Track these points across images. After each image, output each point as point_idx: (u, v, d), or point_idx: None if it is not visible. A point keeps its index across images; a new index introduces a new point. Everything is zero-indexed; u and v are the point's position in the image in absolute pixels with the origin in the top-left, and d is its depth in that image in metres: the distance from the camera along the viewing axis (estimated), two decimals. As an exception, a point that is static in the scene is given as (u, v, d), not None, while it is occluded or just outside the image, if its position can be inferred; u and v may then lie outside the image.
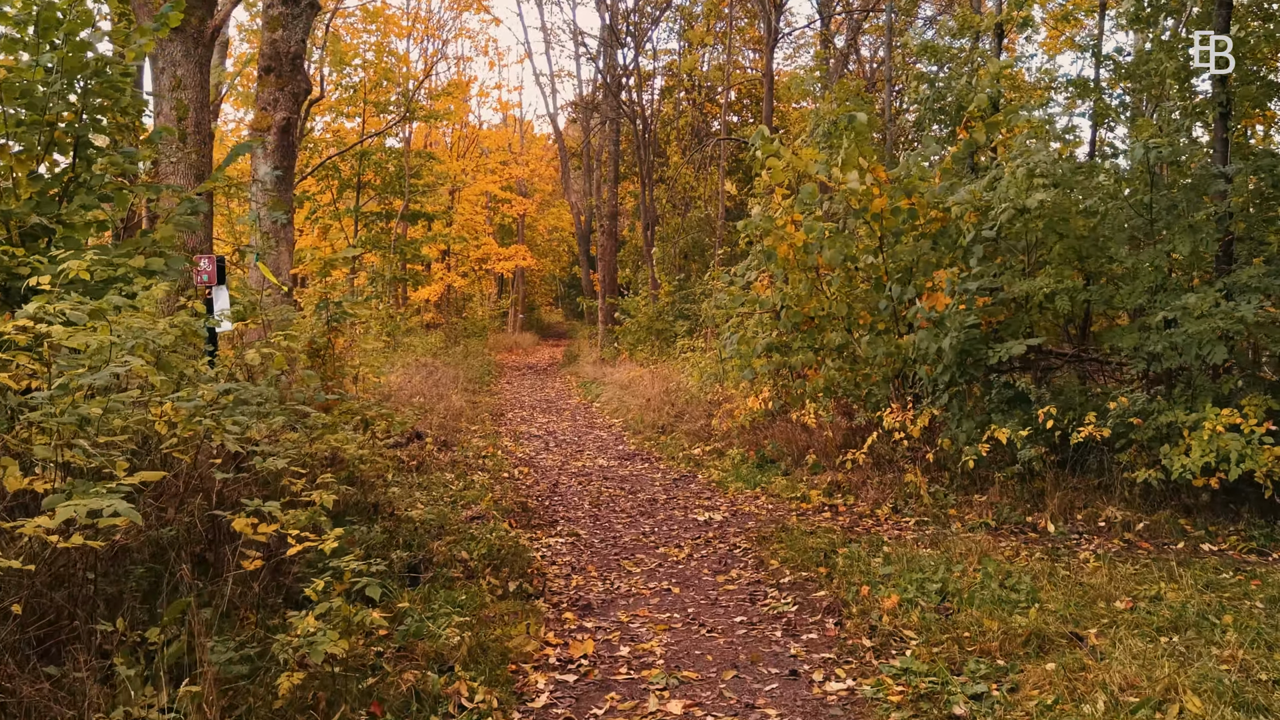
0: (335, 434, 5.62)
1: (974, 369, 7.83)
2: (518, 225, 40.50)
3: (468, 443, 11.05)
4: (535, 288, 48.15)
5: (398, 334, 20.30)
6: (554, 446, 11.74)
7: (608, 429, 13.21)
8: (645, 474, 9.78)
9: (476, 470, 9.52)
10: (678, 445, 11.07)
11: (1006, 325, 8.29)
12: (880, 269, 9.18)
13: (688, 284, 19.13)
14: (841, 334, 9.46)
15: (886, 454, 8.41)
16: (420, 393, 14.46)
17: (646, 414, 13.02)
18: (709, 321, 14.07)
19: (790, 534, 6.74)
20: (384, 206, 24.77)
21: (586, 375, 19.79)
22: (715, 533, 7.03)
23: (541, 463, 10.49)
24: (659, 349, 17.45)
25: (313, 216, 24.27)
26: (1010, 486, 7.40)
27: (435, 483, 8.57)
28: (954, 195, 8.43)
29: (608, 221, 25.40)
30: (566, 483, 9.31)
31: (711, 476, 9.40)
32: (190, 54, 10.75)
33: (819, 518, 7.49)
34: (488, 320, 35.10)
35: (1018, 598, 4.96)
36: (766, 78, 17.79)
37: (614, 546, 6.75)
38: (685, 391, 13.29)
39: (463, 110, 33.46)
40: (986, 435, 7.36)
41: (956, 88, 9.93)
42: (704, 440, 11.03)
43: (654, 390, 14.19)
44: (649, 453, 11.11)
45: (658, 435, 11.90)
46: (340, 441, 5.59)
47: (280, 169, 11.14)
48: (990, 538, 6.58)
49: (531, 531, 7.14)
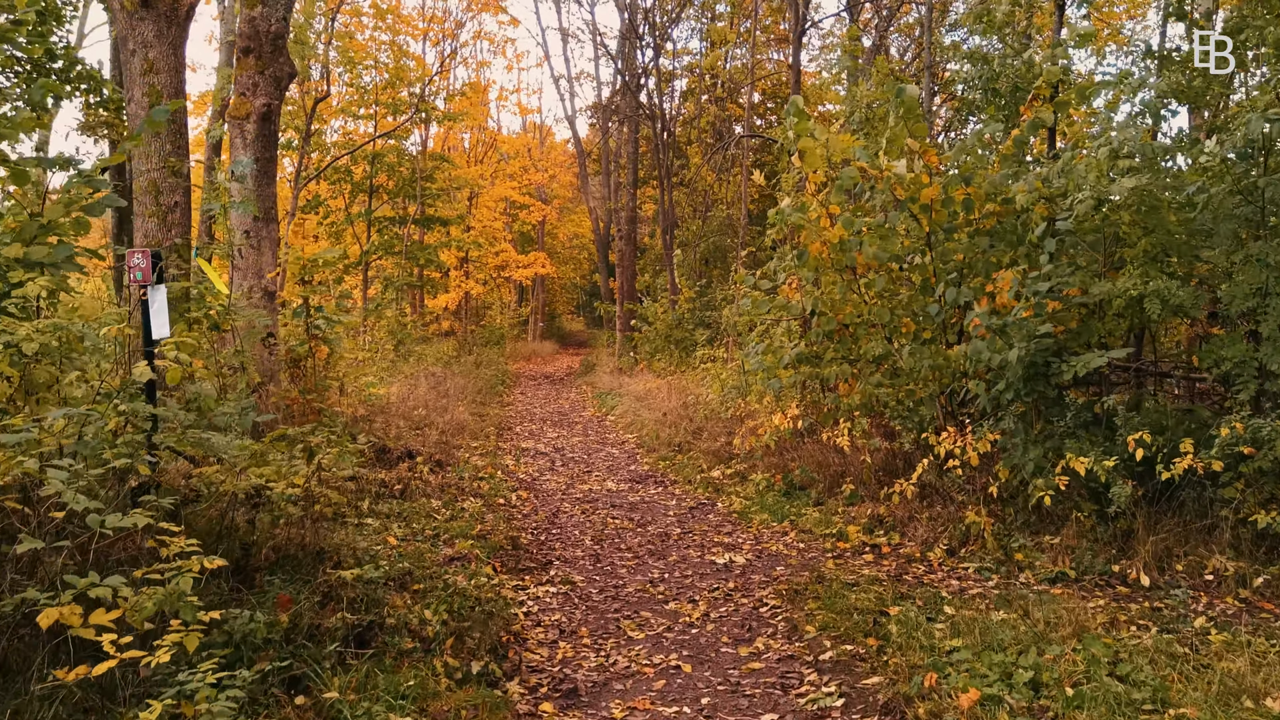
0: (265, 466, 4.45)
1: (1042, 385, 6.54)
2: (537, 232, 39.50)
3: (466, 462, 9.88)
4: (556, 296, 47.13)
5: (409, 341, 19.24)
6: (560, 466, 10.55)
7: (620, 446, 12.01)
8: (658, 500, 8.55)
9: (469, 496, 8.35)
10: (695, 466, 9.84)
11: (1076, 334, 7.00)
12: (928, 269, 7.92)
13: (709, 290, 17.90)
14: (881, 343, 8.21)
15: (935, 483, 7.14)
16: (424, 404, 13.34)
17: (662, 430, 11.80)
18: (730, 330, 12.85)
19: (828, 585, 5.50)
20: (397, 211, 23.78)
21: (602, 386, 18.61)
22: (737, 582, 5.79)
23: (544, 485, 9.29)
24: (678, 359, 16.23)
25: (325, 222, 23.34)
26: (1089, 527, 6.11)
27: (418, 512, 7.40)
28: (1019, 181, 7.16)
29: (626, 226, 24.24)
30: (569, 511, 8.11)
31: (733, 505, 8.16)
32: (163, 35, 9.70)
33: (860, 562, 6.24)
34: (506, 328, 34.06)
35: (1140, 697, 3.68)
36: (793, 70, 16.54)
37: (615, 599, 5.53)
38: (705, 405, 12.06)
39: (481, 114, 32.52)
40: (1061, 465, 6.08)
41: (1014, 65, 8.65)
42: (724, 461, 9.79)
43: (671, 403, 12.97)
44: (663, 475, 9.89)
45: (674, 454, 10.67)
46: (271, 476, 4.42)
47: (261, 160, 10.05)
48: (1072, 592, 5.30)
49: (519, 577, 5.94)
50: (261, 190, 10.12)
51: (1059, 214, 6.88)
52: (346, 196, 23.13)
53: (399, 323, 18.85)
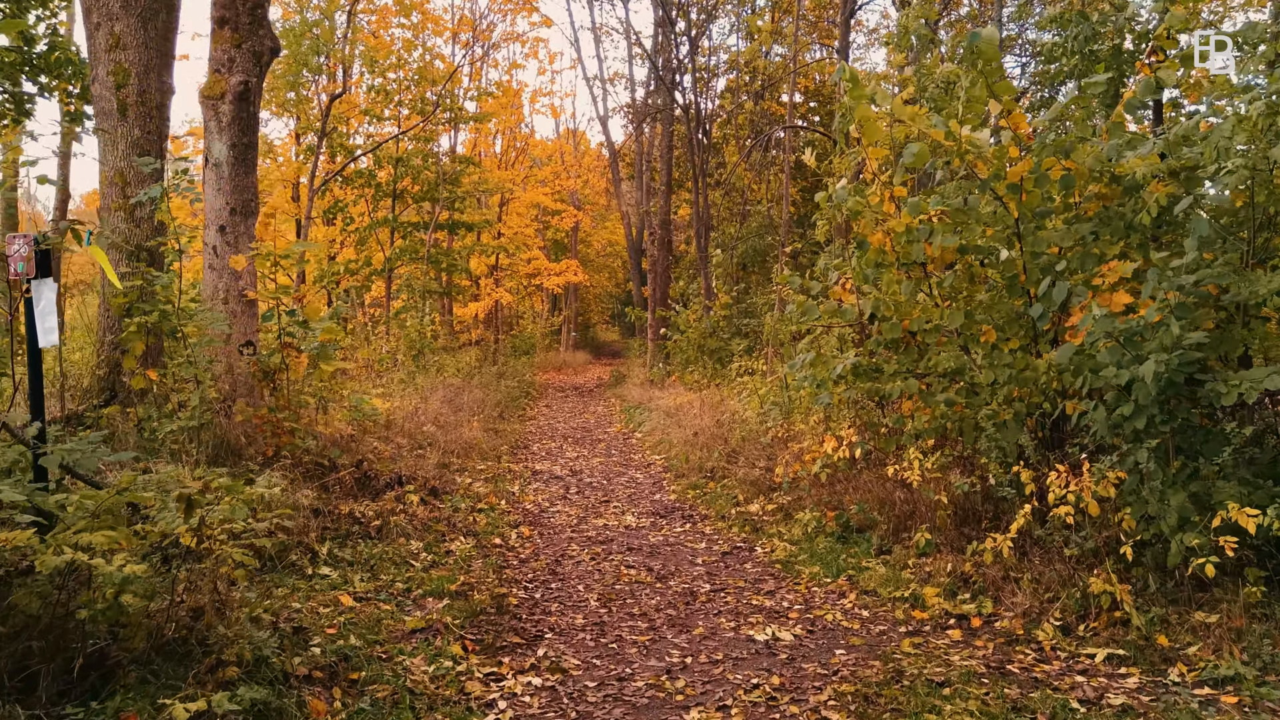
0: (93, 534, 3.05)
1: (1185, 410, 4.95)
2: (570, 240, 38.28)
3: (466, 489, 8.48)
4: (590, 305, 45.89)
5: (429, 351, 17.97)
6: (575, 493, 9.10)
7: (645, 469, 10.53)
8: (685, 542, 7.06)
9: (461, 534, 6.93)
10: (730, 498, 8.33)
11: (1213, 344, 5.39)
12: (1016, 263, 6.35)
13: (746, 296, 16.37)
14: (955, 354, 6.68)
15: (1035, 531, 5.56)
16: (434, 420, 12.01)
17: (693, 451, 10.30)
18: (771, 338, 11.32)
19: (910, 687, 3.97)
20: (421, 216, 22.59)
21: (631, 399, 17.16)
22: (785, 676, 4.27)
23: (552, 520, 7.85)
24: (712, 371, 14.73)
25: (349, 229, 22.24)
26: (1257, 600, 4.51)
27: (392, 557, 6.00)
28: (1134, 153, 5.59)
29: (660, 229, 22.80)
30: (576, 555, 6.65)
31: (775, 551, 6.64)
32: (131, 6, 8.48)
33: (944, 641, 4.69)
34: (537, 338, 32.81)
35: None
36: (840, 54, 15.03)
37: (617, 699, 4.05)
38: (742, 424, 10.55)
39: (512, 118, 31.37)
40: (1220, 519, 4.49)
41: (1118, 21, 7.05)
42: (764, 492, 8.27)
43: (704, 420, 11.47)
44: (693, 506, 8.39)
45: (705, 481, 9.17)
46: (104, 543, 3.03)
47: (238, 146, 8.78)
48: (1251, 703, 3.73)
49: (496, 659, 4.48)
50: (239, 180, 8.84)
51: (1186, 192, 5.30)
52: (369, 201, 22.01)
53: (419, 331, 17.57)
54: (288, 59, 17.79)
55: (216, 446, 7.17)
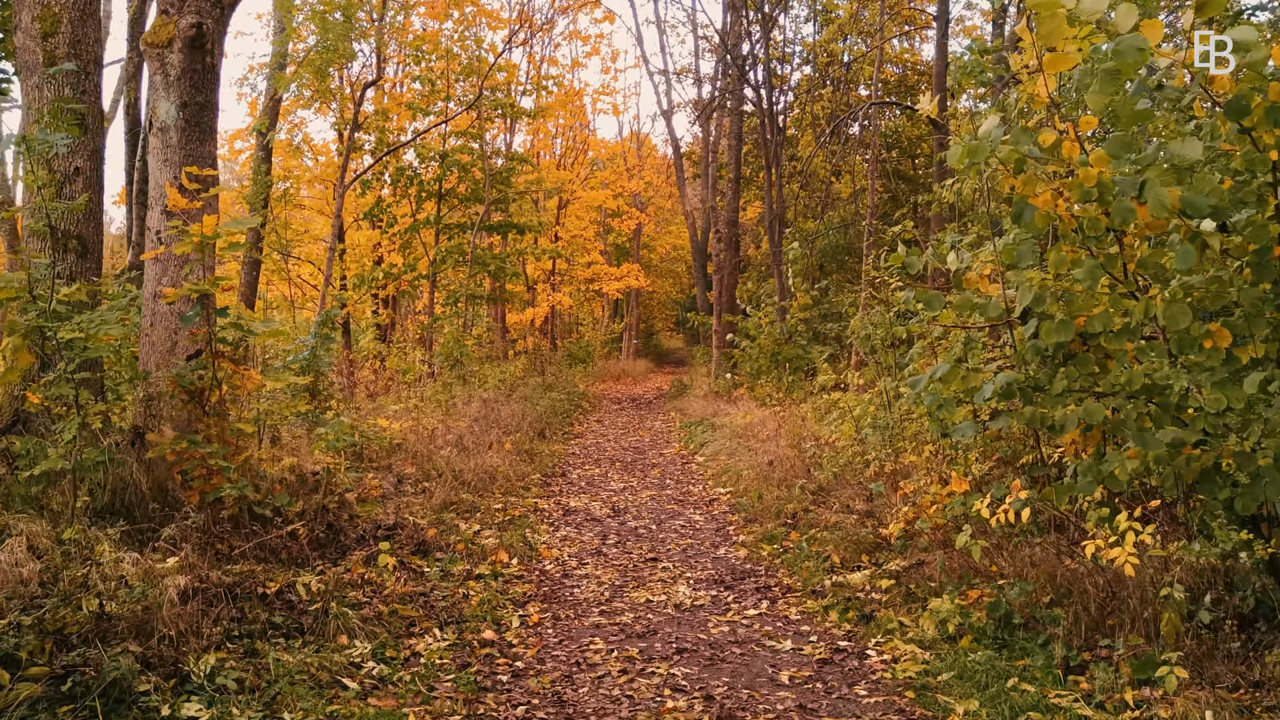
0: None
1: None
2: (633, 244, 36.29)
3: (470, 541, 6.38)
4: (653, 311, 43.83)
5: (468, 361, 16.05)
6: (614, 544, 6.92)
7: (707, 508, 8.29)
8: (761, 638, 4.80)
9: (437, 623, 4.82)
10: (820, 558, 6.02)
11: None
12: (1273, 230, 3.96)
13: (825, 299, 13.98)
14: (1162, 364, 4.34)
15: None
16: (458, 441, 10.01)
17: (767, 486, 8.03)
18: (863, 344, 8.99)
19: None
20: (468, 218, 20.77)
21: (693, 413, 14.92)
22: None
23: (575, 591, 5.67)
24: (788, 383, 12.38)
25: (391, 230, 20.56)
26: None
27: (315, 674, 3.90)
28: None
29: (726, 229, 20.52)
30: (597, 660, 4.45)
31: (899, 663, 4.33)
32: (60, -66, 6.69)
33: None
34: (596, 345, 30.84)
35: None
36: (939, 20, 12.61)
37: None
38: (830, 452, 8.24)
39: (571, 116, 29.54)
40: None
41: None
42: (868, 550, 5.97)
43: (780, 446, 9.18)
44: (770, 570, 6.12)
45: (785, 530, 6.89)
46: None
47: (189, 106, 6.85)
48: None
49: None
50: (191, 149, 6.87)
51: None
52: (413, 202, 20.28)
53: (456, 339, 15.65)
54: (319, 47, 16.11)
55: (118, 493, 5.22)
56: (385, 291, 23.70)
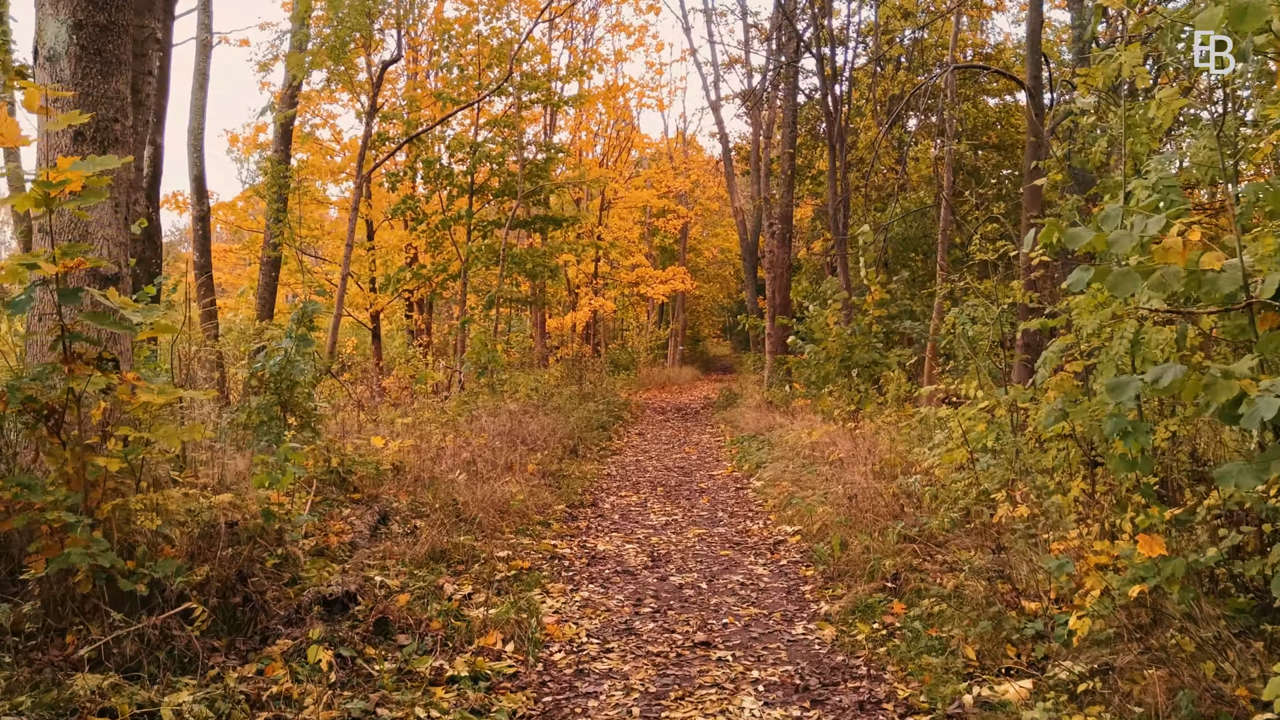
0: None
1: None
2: (679, 246, 34.48)
3: (451, 615, 4.60)
4: (700, 317, 41.93)
5: (496, 368, 14.37)
6: (650, 613, 5.09)
7: (771, 553, 6.42)
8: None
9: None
10: (946, 657, 4.12)
11: None
12: None
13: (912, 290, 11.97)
14: None
15: None
16: (472, 461, 8.33)
17: (853, 532, 6.12)
18: (958, 347, 7.06)
19: None
20: (502, 215, 19.19)
21: (745, 426, 13.03)
22: None
23: (588, 707, 3.86)
24: (861, 393, 10.41)
25: (419, 227, 19.07)
26: None
27: None
28: None
29: (779, 225, 18.60)
30: None
31: None
32: None
33: None
34: (641, 352, 29.08)
35: None
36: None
37: None
38: (930, 484, 6.32)
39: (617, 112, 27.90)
40: None
41: None
42: (1011, 638, 4.06)
43: (861, 474, 7.26)
44: (873, 672, 4.21)
45: (886, 597, 4.99)
46: None
47: (87, 28, 5.23)
48: None
49: None
50: (90, 86, 5.24)
51: None
52: (444, 199, 18.74)
53: (483, 344, 14.00)
54: (333, 23, 14.64)
55: None
56: (417, 295, 22.27)
